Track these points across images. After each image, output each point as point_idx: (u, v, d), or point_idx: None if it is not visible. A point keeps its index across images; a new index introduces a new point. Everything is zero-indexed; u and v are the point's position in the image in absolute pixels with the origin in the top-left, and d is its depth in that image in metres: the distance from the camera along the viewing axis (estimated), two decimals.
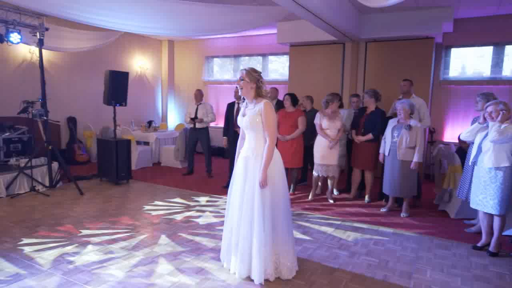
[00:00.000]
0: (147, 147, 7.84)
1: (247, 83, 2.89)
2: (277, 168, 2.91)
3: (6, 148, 5.63)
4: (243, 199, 2.89)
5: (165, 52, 10.19)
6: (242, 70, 2.94)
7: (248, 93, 2.93)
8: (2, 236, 3.71)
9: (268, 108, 2.86)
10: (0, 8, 4.88)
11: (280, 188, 2.91)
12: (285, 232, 2.95)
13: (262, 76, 2.97)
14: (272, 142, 2.83)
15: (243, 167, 2.94)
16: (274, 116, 2.89)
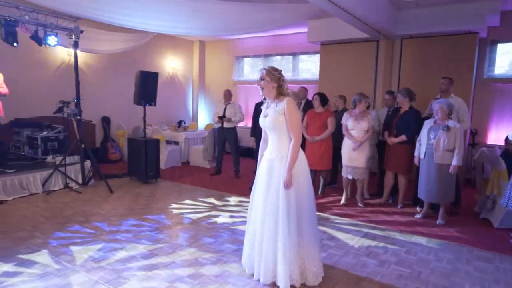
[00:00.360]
0: (176, 147, 7.93)
1: (268, 82, 2.79)
2: (302, 169, 2.79)
3: (44, 146, 5.87)
4: (267, 202, 2.79)
5: (196, 53, 10.30)
6: (262, 70, 2.84)
7: (269, 92, 2.83)
8: (34, 231, 3.85)
9: (291, 106, 2.75)
10: (38, 12, 5.08)
11: (305, 189, 2.79)
12: (311, 235, 2.83)
13: (282, 75, 2.86)
14: (297, 141, 2.72)
15: (267, 170, 2.84)
16: (298, 114, 2.77)
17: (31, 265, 3.06)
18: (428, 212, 4.67)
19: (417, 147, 4.53)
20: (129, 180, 6.28)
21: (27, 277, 2.86)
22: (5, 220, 4.12)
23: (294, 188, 2.72)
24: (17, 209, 4.52)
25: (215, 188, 5.93)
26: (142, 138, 6.09)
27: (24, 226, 3.97)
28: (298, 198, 2.75)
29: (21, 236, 3.68)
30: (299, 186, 2.75)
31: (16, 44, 4.80)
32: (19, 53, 6.30)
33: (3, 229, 3.86)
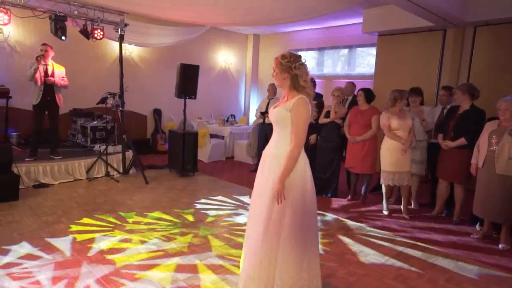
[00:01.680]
0: (221, 141, 7.88)
1: (277, 73, 2.42)
2: (298, 179, 2.33)
3: (92, 135, 6.21)
4: (255, 205, 2.46)
5: (250, 47, 10.15)
6: (275, 58, 2.48)
7: (282, 84, 2.45)
8: (62, 215, 4.02)
9: (300, 105, 2.31)
10: (88, 7, 5.33)
11: (296, 200, 2.33)
12: (291, 253, 2.32)
13: (299, 62, 2.37)
14: (296, 146, 2.28)
15: (261, 167, 2.50)
16: (306, 116, 2.31)
17: (48, 251, 3.14)
18: (489, 233, 3.91)
19: (475, 153, 3.80)
20: (168, 172, 6.36)
21: (42, 262, 2.94)
22: (43, 203, 4.39)
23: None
24: (57, 194, 4.80)
25: (250, 185, 5.68)
26: (181, 131, 6.11)
27: (56, 210, 4.17)
28: (282, 213, 2.31)
29: (49, 220, 3.85)
30: (289, 199, 2.30)
31: (65, 38, 5.09)
32: (79, 48, 6.74)
33: (37, 212, 4.09)
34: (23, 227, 3.64)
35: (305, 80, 2.41)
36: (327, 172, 5.27)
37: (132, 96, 7.81)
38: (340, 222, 4.26)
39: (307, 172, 2.41)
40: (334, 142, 5.16)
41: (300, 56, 2.45)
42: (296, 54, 2.44)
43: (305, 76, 2.42)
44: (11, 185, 4.41)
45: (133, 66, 7.94)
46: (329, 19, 7.79)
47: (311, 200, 2.41)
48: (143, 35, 6.83)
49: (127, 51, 7.74)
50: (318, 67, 8.95)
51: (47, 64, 5.18)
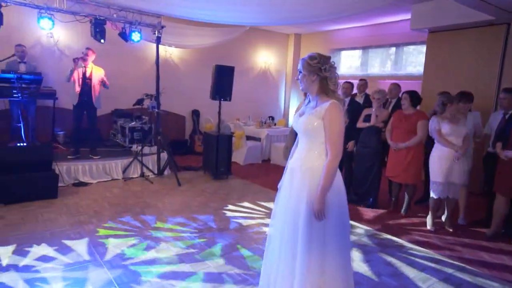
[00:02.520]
0: (258, 143, 7.72)
1: (305, 76, 2.18)
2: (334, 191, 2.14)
3: (130, 135, 6.34)
4: (284, 227, 2.25)
5: (291, 46, 9.91)
6: (301, 60, 2.25)
7: (309, 88, 2.21)
8: (94, 215, 4.09)
9: (335, 111, 2.08)
10: (127, 10, 5.41)
11: (334, 215, 2.14)
12: (337, 272, 2.16)
13: (329, 64, 2.15)
14: (334, 157, 2.06)
15: (289, 182, 2.28)
16: (341, 123, 2.09)
17: (67, 252, 3.18)
18: None
19: None
20: (202, 174, 6.32)
21: (57, 264, 2.96)
22: (79, 202, 4.51)
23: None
24: (93, 193, 4.92)
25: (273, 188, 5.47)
26: (215, 133, 6.03)
27: (88, 210, 4.26)
28: (326, 226, 2.12)
29: (80, 220, 3.93)
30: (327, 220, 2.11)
31: (103, 41, 5.22)
32: (122, 50, 6.93)
33: (72, 211, 4.20)
34: (56, 226, 3.74)
35: (334, 84, 2.18)
36: (366, 180, 4.91)
37: (171, 97, 7.92)
38: (377, 236, 3.90)
39: (342, 187, 2.20)
40: (374, 148, 4.78)
41: (329, 57, 2.21)
42: (325, 55, 2.20)
43: (334, 79, 2.18)
44: (50, 182, 4.58)
45: (173, 68, 8.04)
46: (374, 16, 7.33)
47: (346, 213, 2.22)
48: (181, 37, 6.86)
49: (167, 53, 7.86)
50: (362, 67, 8.48)
51: (87, 66, 5.35)
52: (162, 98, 7.59)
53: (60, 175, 5.05)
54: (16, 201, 4.31)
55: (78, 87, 5.34)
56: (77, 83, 5.32)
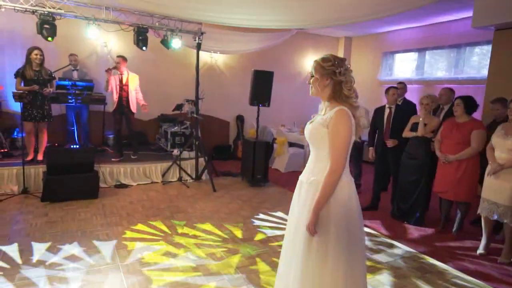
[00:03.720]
0: (300, 150, 7.47)
1: (316, 79, 1.99)
2: (337, 210, 1.91)
3: (172, 140, 6.50)
4: (289, 241, 2.09)
5: (341, 50, 9.51)
6: (313, 62, 2.04)
7: (320, 93, 2.01)
8: (125, 217, 4.20)
9: (339, 118, 1.88)
10: (169, 19, 5.57)
11: (337, 229, 1.90)
12: None
13: (344, 67, 1.95)
14: (334, 171, 1.87)
15: (297, 195, 2.11)
16: (345, 133, 1.87)
17: (93, 253, 3.27)
18: None
19: None
20: (240, 180, 6.25)
21: (81, 265, 3.05)
22: (115, 204, 4.68)
23: (323, 234, 1.89)
24: (131, 195, 5.09)
25: None
26: (253, 139, 5.93)
27: (121, 212, 4.39)
28: (328, 247, 1.89)
29: (111, 222, 4.06)
30: (328, 235, 1.89)
31: (145, 48, 5.41)
32: (169, 56, 7.16)
33: (106, 212, 4.37)
34: (89, 226, 3.89)
35: (349, 88, 1.97)
36: (411, 194, 4.44)
37: (215, 102, 8.03)
38: (417, 259, 3.48)
39: (353, 201, 1.97)
40: (421, 160, 4.31)
41: (344, 59, 2.01)
42: (340, 57, 1.99)
43: (349, 83, 1.97)
44: (91, 183, 4.83)
45: (218, 73, 8.14)
46: (431, 15, 6.73)
47: (357, 227, 1.97)
48: (225, 43, 6.91)
49: (212, 59, 7.98)
50: (418, 70, 7.82)
51: (122, 73, 5.63)
52: (207, 103, 7.74)
53: (103, 177, 5.32)
54: (61, 199, 4.60)
55: (116, 94, 5.66)
56: (114, 90, 5.62)
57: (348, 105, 1.97)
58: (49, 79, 5.10)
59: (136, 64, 6.87)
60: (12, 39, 6.08)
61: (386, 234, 4.11)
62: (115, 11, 5.12)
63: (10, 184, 4.87)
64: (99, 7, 5.04)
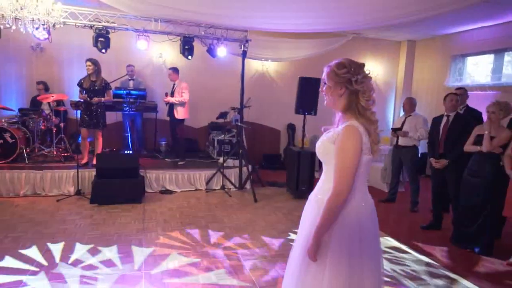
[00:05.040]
0: None
1: (329, 88, 1.73)
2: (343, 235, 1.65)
3: (219, 148, 6.52)
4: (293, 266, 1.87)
5: (403, 55, 8.81)
6: (326, 67, 1.76)
7: (334, 103, 1.75)
8: (161, 224, 4.24)
9: (347, 135, 1.62)
10: (214, 27, 5.62)
11: (339, 254, 1.65)
12: None
13: (362, 74, 1.68)
14: (337, 194, 1.60)
15: (304, 214, 1.88)
16: (352, 152, 1.60)
17: (124, 259, 3.31)
18: None
19: None
20: (284, 191, 6.01)
21: (109, 271, 3.10)
22: (155, 209, 4.77)
23: (319, 262, 1.65)
24: (173, 201, 5.16)
25: None
26: (298, 149, 5.68)
27: (159, 218, 4.45)
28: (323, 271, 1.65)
29: (147, 227, 4.12)
30: (327, 261, 1.64)
31: (191, 57, 5.51)
32: (219, 65, 7.26)
33: (146, 217, 4.46)
34: (126, 230, 3.99)
35: (367, 99, 1.69)
36: (475, 218, 3.82)
37: (266, 110, 7.94)
38: None
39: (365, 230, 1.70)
40: (487, 178, 3.69)
41: (362, 65, 1.72)
42: (357, 63, 1.71)
43: (368, 93, 1.70)
44: (136, 188, 4.99)
45: (269, 81, 8.04)
46: (510, 11, 5.88)
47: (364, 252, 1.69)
48: (272, 50, 6.80)
49: (264, 66, 7.91)
50: (494, 75, 6.89)
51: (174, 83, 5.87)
52: (257, 111, 7.68)
53: (149, 182, 5.50)
54: (107, 202, 4.82)
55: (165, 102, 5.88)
56: None
57: (364, 119, 1.68)
58: (101, 89, 5.39)
59: (188, 73, 7.06)
60: (80, 53, 6.63)
61: (444, 262, 3.57)
62: (163, 22, 5.29)
63: (68, 186, 5.24)
64: (149, 19, 5.25)
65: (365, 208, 1.72)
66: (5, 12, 4.09)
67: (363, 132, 1.63)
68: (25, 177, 5.10)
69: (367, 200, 1.74)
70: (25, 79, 6.59)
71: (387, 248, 3.85)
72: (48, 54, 6.62)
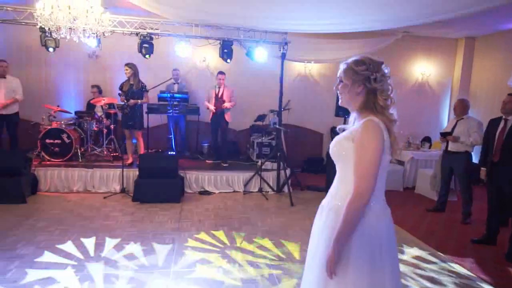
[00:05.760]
0: (399, 168, 6.60)
1: (346, 86, 1.64)
2: (362, 245, 1.53)
3: (258, 150, 6.52)
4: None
5: (460, 53, 8.15)
6: (343, 64, 1.67)
7: (350, 102, 1.66)
8: (195, 224, 4.33)
9: (367, 130, 1.53)
10: (253, 31, 5.64)
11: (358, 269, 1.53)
12: None
13: (381, 72, 1.59)
14: (358, 196, 1.50)
15: (316, 221, 1.79)
16: (374, 148, 1.50)
17: (151, 255, 3.43)
18: None
19: None
20: (324, 195, 5.80)
21: (135, 265, 3.23)
22: (192, 210, 4.89)
23: (339, 278, 1.54)
24: (210, 202, 5.25)
25: (415, 230, 4.43)
26: None
27: (194, 218, 4.55)
28: None
29: (181, 227, 4.23)
30: (348, 276, 1.52)
31: (230, 60, 5.57)
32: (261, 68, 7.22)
33: (182, 216, 4.59)
34: (161, 228, 4.14)
35: (385, 98, 1.60)
36: None
37: (309, 113, 7.81)
38: None
39: (384, 238, 1.59)
40: None
41: (381, 63, 1.63)
42: (376, 60, 1.62)
43: (387, 92, 1.61)
44: (174, 188, 5.16)
45: (312, 84, 7.89)
46: None
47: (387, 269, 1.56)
48: (313, 51, 6.65)
49: (306, 68, 7.78)
50: None
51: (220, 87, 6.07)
52: (299, 114, 7.61)
53: (188, 183, 5.66)
54: (148, 201, 5.03)
55: (213, 107, 6.03)
56: (212, 103, 6.08)
57: (385, 118, 1.58)
58: (139, 91, 5.64)
59: (229, 76, 7.16)
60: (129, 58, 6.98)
61: (496, 282, 3.22)
62: (204, 27, 5.43)
63: (114, 184, 5.57)
64: (190, 24, 5.42)
65: (385, 214, 1.61)
66: (61, 23, 4.46)
67: (384, 129, 1.53)
68: (77, 175, 5.51)
69: (384, 205, 1.62)
70: (82, 84, 7.14)
71: (428, 262, 3.57)
72: (102, 61, 7.12)
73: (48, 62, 6.93)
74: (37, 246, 3.53)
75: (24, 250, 3.43)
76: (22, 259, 3.24)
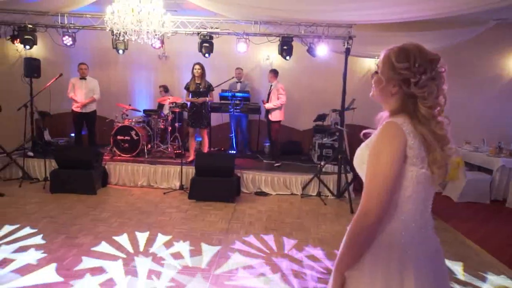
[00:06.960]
0: (485, 177, 5.70)
1: (380, 82, 1.30)
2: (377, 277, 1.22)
3: (319, 152, 6.18)
4: None
5: None
6: (384, 51, 1.32)
7: (383, 100, 1.34)
8: (245, 226, 4.21)
9: (382, 135, 1.21)
10: (316, 25, 5.33)
11: None
12: None
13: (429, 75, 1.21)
14: (364, 212, 1.18)
15: None
16: (385, 154, 1.18)
17: (196, 257, 3.39)
18: None
19: None
20: None
21: (179, 264, 3.21)
22: (246, 211, 4.78)
23: None
24: (265, 204, 5.09)
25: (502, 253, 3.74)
26: None
27: (245, 220, 4.43)
28: None
29: (230, 228, 4.14)
30: None
31: (289, 57, 5.33)
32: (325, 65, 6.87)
33: (234, 217, 4.51)
34: (211, 228, 4.10)
35: (429, 107, 1.22)
36: None
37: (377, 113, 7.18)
38: None
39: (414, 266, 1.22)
40: None
41: (435, 61, 1.23)
42: (429, 56, 1.23)
43: (432, 99, 1.22)
44: (229, 188, 5.11)
45: None
46: None
47: None
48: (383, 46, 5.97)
49: (371, 65, 7.16)
50: None
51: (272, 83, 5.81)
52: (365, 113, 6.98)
53: (245, 183, 5.58)
54: (203, 199, 5.06)
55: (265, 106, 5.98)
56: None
57: (426, 131, 1.21)
58: (206, 90, 5.72)
59: (292, 74, 6.96)
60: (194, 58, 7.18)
61: None
62: (263, 24, 5.29)
63: (174, 180, 5.74)
64: (249, 22, 5.32)
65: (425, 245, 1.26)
66: (128, 27, 4.70)
67: (410, 133, 1.19)
68: (142, 170, 5.80)
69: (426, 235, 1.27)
70: (152, 84, 7.56)
71: None
72: (170, 61, 7.44)
73: (122, 64, 7.47)
74: (96, 236, 3.73)
75: (84, 239, 3.66)
76: (80, 248, 3.45)
